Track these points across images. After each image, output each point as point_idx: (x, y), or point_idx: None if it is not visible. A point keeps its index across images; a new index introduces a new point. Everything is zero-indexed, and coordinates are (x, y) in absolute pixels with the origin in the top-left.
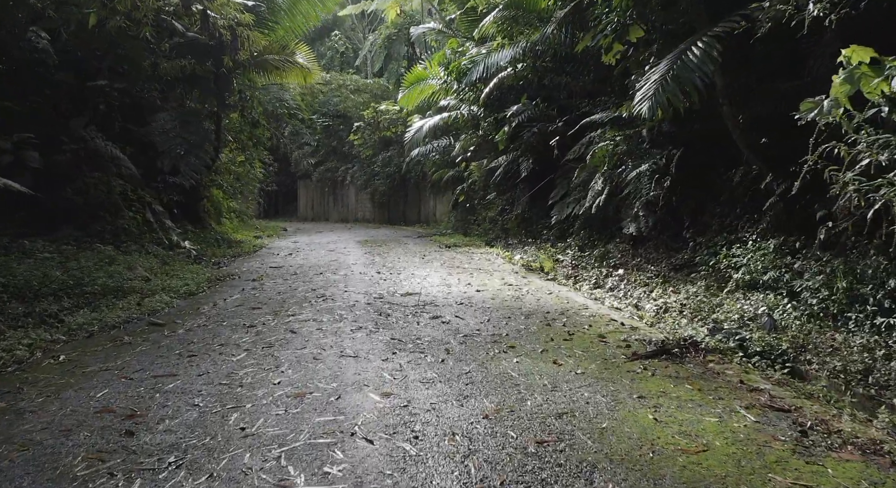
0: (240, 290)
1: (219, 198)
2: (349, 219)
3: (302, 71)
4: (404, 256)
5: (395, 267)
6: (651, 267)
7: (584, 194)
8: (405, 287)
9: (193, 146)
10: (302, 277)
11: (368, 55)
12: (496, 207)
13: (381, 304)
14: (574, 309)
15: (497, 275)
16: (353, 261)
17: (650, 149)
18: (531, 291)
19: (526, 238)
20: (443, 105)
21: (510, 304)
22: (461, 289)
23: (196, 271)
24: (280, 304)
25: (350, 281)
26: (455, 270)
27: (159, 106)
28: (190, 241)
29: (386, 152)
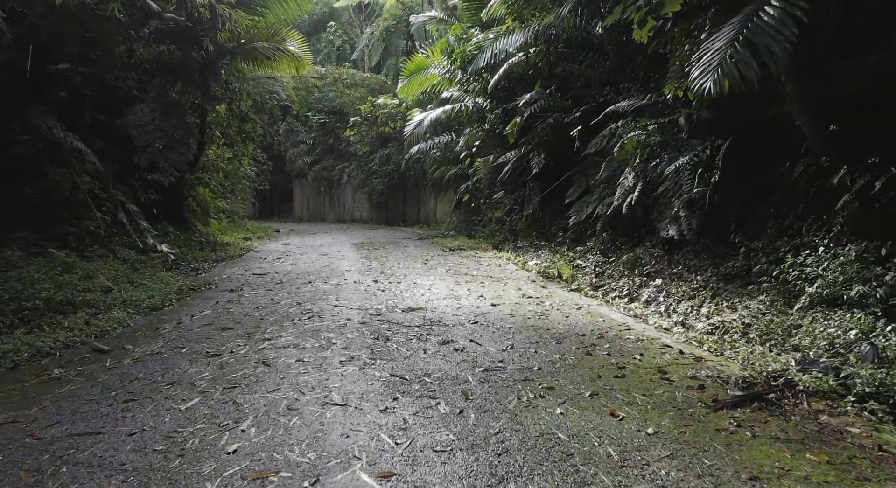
0: (213, 304)
1: (205, 197)
2: (346, 219)
3: (294, 60)
4: (404, 261)
5: (394, 274)
6: (694, 276)
7: (609, 191)
8: (407, 300)
9: (174, 140)
10: (287, 287)
11: (366, 49)
12: (504, 207)
13: (379, 324)
14: (614, 329)
15: (512, 284)
16: (347, 266)
17: (688, 139)
18: (556, 305)
19: (538, 240)
20: (445, 97)
21: (535, 323)
22: (473, 302)
23: (167, 279)
24: (256, 324)
25: (342, 292)
26: (463, 278)
27: (136, 96)
28: (168, 244)
29: (384, 150)
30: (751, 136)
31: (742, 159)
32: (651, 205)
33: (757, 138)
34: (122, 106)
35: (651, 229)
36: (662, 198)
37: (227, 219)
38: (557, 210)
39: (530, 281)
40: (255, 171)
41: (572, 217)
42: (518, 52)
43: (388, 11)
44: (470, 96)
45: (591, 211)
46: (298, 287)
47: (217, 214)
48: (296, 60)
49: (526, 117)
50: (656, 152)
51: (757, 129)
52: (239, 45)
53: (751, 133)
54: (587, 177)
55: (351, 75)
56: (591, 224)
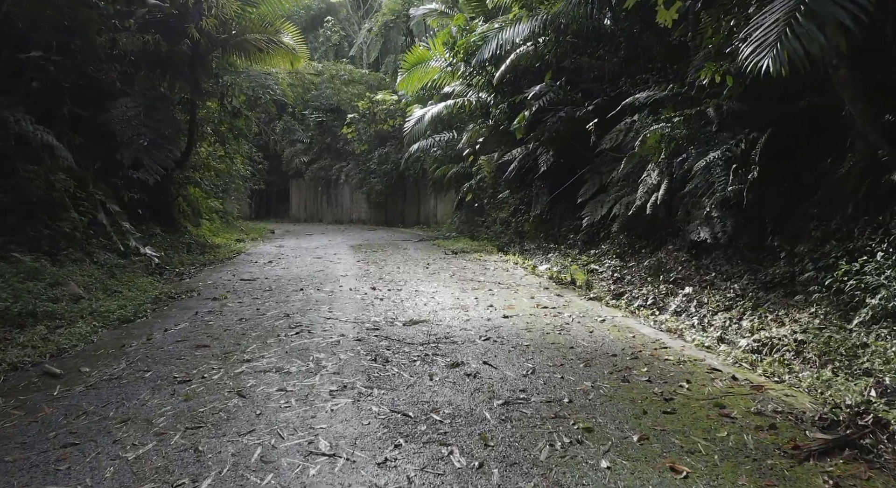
0: (191, 315)
1: (197, 197)
2: (344, 220)
3: (289, 54)
4: (405, 265)
5: (394, 279)
6: (728, 284)
7: (628, 190)
8: (408, 310)
9: (160, 137)
10: (276, 295)
11: (363, 46)
12: (509, 207)
13: (377, 341)
14: (648, 348)
15: (523, 291)
16: (343, 271)
17: (717, 132)
18: (576, 317)
19: (546, 242)
20: (447, 92)
21: (555, 340)
22: (482, 313)
23: (146, 286)
24: (236, 340)
25: (337, 301)
26: (469, 285)
27: (120, 90)
28: (152, 247)
29: (383, 148)
30: (787, 129)
31: (778, 154)
32: (676, 204)
33: (794, 131)
34: (104, 100)
35: (674, 231)
36: (691, 197)
37: (220, 219)
38: (567, 210)
39: (543, 288)
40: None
41: (586, 218)
42: (525, 43)
43: (387, 6)
44: (473, 91)
45: (606, 211)
46: (288, 295)
47: (209, 215)
48: (290, 54)
49: (535, 111)
50: (682, 147)
51: (793, 121)
52: (230, 36)
53: (787, 125)
54: (601, 175)
55: (349, 71)
56: (605, 225)
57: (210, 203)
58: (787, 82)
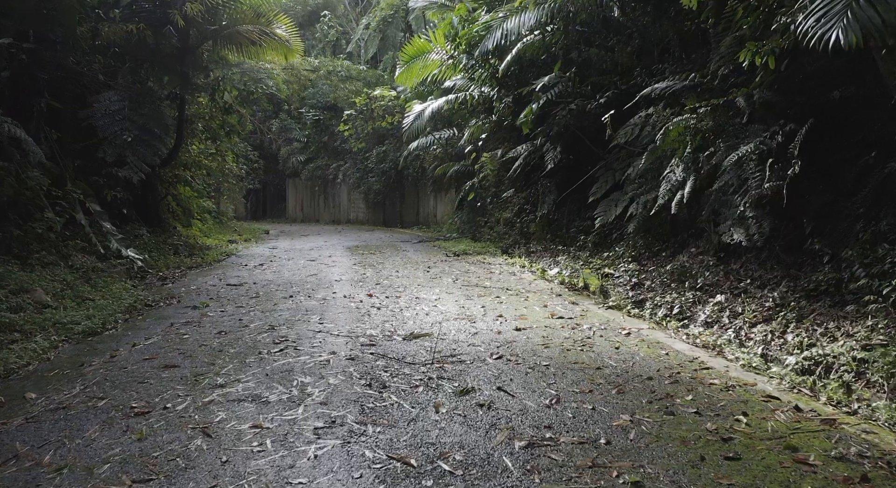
0: (166, 327)
1: (188, 196)
2: (341, 220)
3: (282, 47)
4: (404, 269)
5: (392, 285)
6: (764, 291)
7: (647, 187)
8: (408, 321)
9: (145, 132)
10: (263, 303)
11: (361, 42)
12: (513, 207)
13: (372, 360)
14: (686, 368)
15: (534, 298)
16: (337, 275)
17: (747, 124)
18: (597, 329)
19: (553, 244)
20: (448, 86)
21: (578, 358)
22: (492, 325)
23: (121, 292)
24: (211, 359)
25: (329, 310)
26: (474, 291)
27: (103, 83)
28: (135, 249)
29: (381, 146)
30: (826, 120)
31: (817, 147)
32: (701, 202)
33: (833, 122)
34: (87, 93)
35: (698, 232)
36: (720, 195)
37: (212, 220)
38: (576, 210)
39: (555, 294)
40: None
41: (598, 218)
42: (531, 33)
43: (386, 0)
44: (475, 85)
45: (620, 211)
46: (276, 303)
47: (201, 215)
48: (284, 47)
49: (542, 104)
50: (709, 140)
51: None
52: (220, 28)
53: (826, 116)
54: (614, 172)
55: (346, 68)
56: (619, 226)
57: (202, 203)
58: (825, 70)
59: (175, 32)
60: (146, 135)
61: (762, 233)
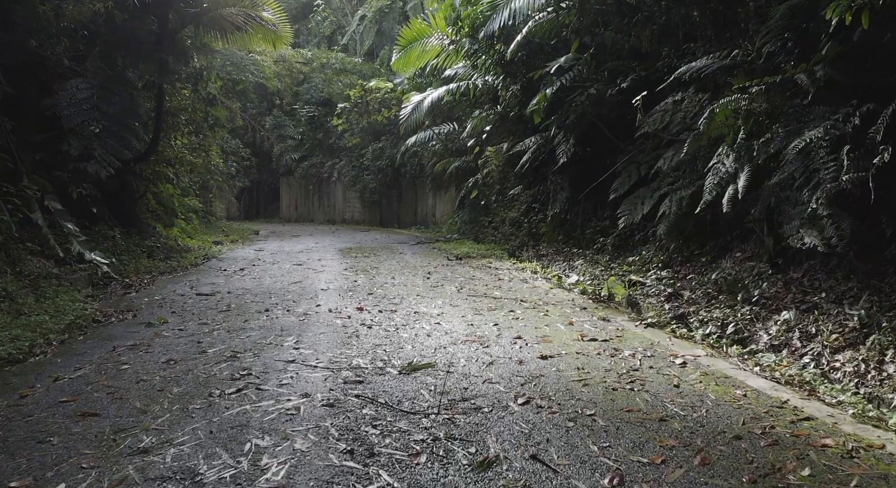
0: (105, 352)
1: (171, 194)
2: (336, 220)
3: (270, 33)
4: (401, 275)
5: (387, 295)
6: (844, 308)
7: (686, 182)
8: (406, 345)
9: (116, 123)
10: (232, 320)
11: (356, 34)
12: (520, 205)
13: (358, 407)
14: (778, 418)
15: (555, 312)
16: (325, 283)
17: (810, 105)
18: (642, 356)
19: (566, 247)
20: (448, 75)
21: (631, 401)
22: (509, 350)
23: (68, 305)
24: (145, 403)
25: (309, 329)
26: (484, 303)
27: (69, 68)
28: (102, 252)
29: (377, 143)
30: None
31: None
32: (750, 198)
33: None
34: (52, 80)
35: (745, 233)
36: (780, 190)
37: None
38: (592, 209)
39: (578, 307)
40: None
41: (622, 217)
42: (542, 12)
43: None
44: (479, 73)
45: (648, 209)
46: (248, 319)
47: (186, 214)
48: (272, 33)
49: (557, 90)
50: (763, 125)
51: None
52: (202, 10)
53: None
54: (638, 166)
55: (340, 60)
56: (643, 226)
57: (187, 201)
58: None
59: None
60: (116, 127)
61: (842, 236)
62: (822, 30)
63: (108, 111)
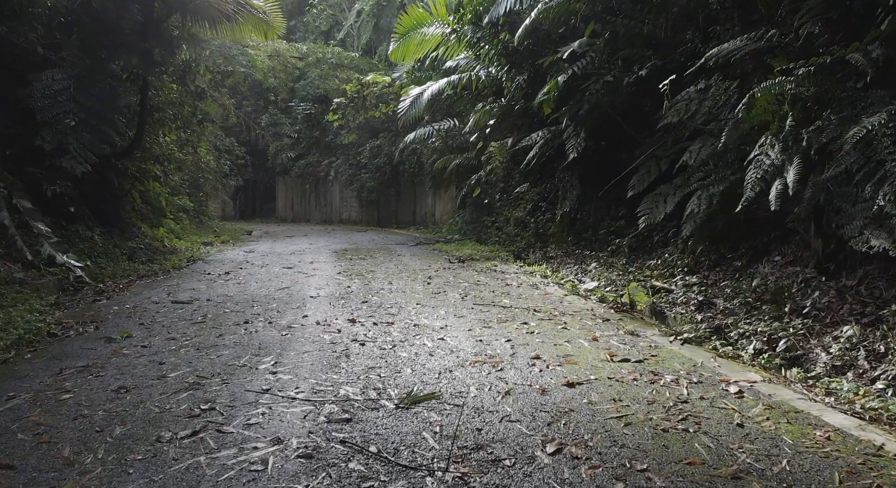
0: (49, 376)
1: (157, 192)
2: (333, 220)
3: (262, 23)
4: (399, 279)
5: (383, 303)
6: None
7: (718, 177)
8: (404, 367)
9: (94, 116)
10: (205, 334)
11: (353, 28)
12: (525, 204)
13: (343, 460)
14: (886, 474)
15: (574, 324)
16: (315, 289)
17: (866, 89)
18: (686, 383)
19: (578, 249)
20: (450, 67)
21: (688, 450)
22: (529, 374)
23: (20, 316)
24: (74, 452)
25: (292, 347)
26: (492, 312)
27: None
28: (76, 255)
29: (374, 140)
30: None
31: None
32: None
33: None
34: (27, 71)
35: (785, 234)
36: (834, 185)
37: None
38: (605, 207)
39: (600, 318)
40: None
41: (642, 216)
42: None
43: None
44: (482, 64)
45: (672, 207)
46: (223, 334)
47: (176, 214)
48: (264, 23)
49: (569, 78)
50: (812, 111)
51: None
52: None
53: None
54: (658, 161)
55: (336, 55)
56: (663, 226)
57: (177, 200)
58: None
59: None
60: (95, 120)
61: None
62: (879, 3)
63: (86, 103)
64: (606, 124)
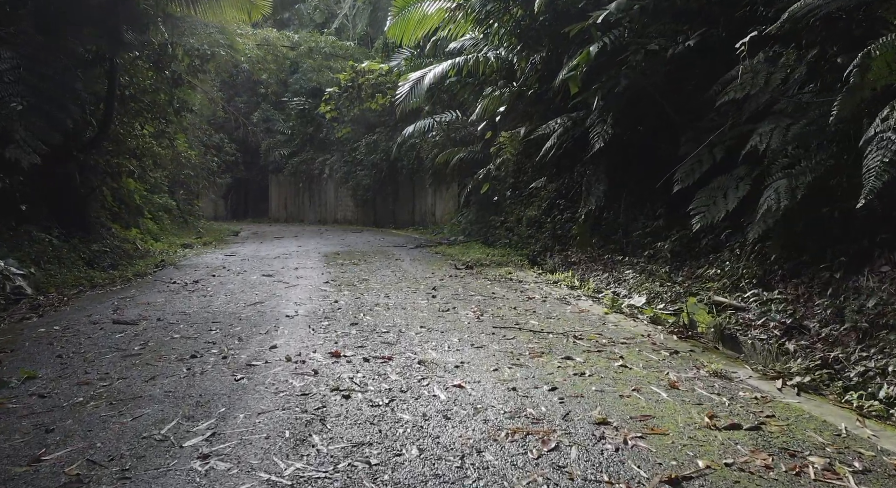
0: None
1: (134, 190)
2: (328, 220)
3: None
4: (397, 291)
5: (378, 326)
6: None
7: (810, 165)
8: (407, 444)
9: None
10: (134, 373)
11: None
12: (541, 202)
13: None
14: None
15: (635, 359)
16: (293, 305)
17: None
18: (851, 474)
19: (605, 253)
20: (454, 49)
21: None
22: (597, 457)
23: None
24: None
25: (244, 402)
26: (520, 341)
27: None
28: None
29: (370, 135)
30: None
31: None
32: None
33: None
34: None
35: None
36: None
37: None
38: (637, 204)
39: (664, 349)
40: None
41: (698, 215)
42: None
43: None
44: (490, 45)
45: (735, 204)
46: (156, 375)
47: (156, 214)
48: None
49: (601, 48)
50: None
51: None
52: None
53: None
54: (711, 148)
55: (330, 44)
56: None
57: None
58: None
59: None
60: (47, 105)
61: None
62: None
63: (38, 85)
64: (642, 107)
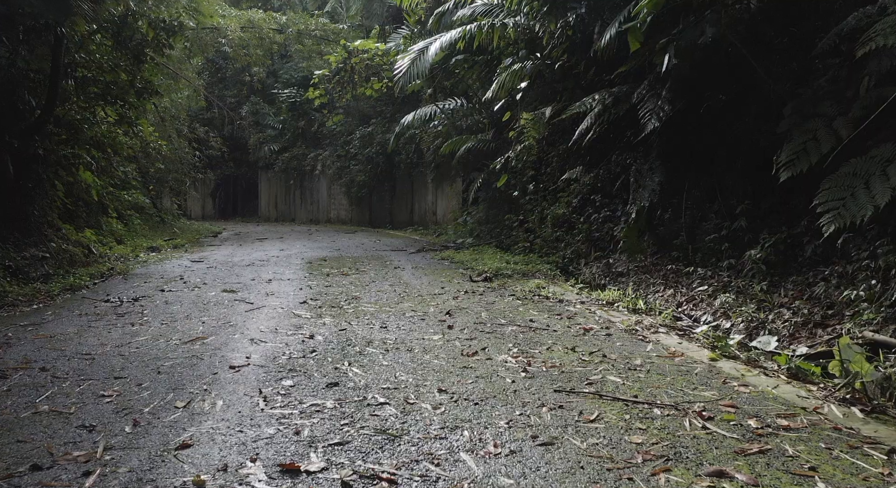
0: None
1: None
2: (320, 219)
3: None
4: (398, 318)
5: (370, 391)
6: None
7: None
8: None
9: None
10: None
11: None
12: (571, 198)
13: None
14: None
15: (830, 467)
16: (249, 343)
17: None
18: None
19: (665, 262)
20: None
21: None
22: None
23: None
24: None
25: None
26: (609, 421)
27: None
28: None
29: (366, 127)
30: None
31: None
32: None
33: None
34: None
35: None
36: None
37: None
38: (707, 200)
39: (869, 442)
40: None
41: (829, 212)
42: None
43: None
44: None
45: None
46: None
47: (125, 212)
48: None
49: None
50: None
51: None
52: None
53: None
54: (830, 122)
55: (321, 27)
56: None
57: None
58: None
59: None
60: None
61: None
62: None
63: None
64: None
